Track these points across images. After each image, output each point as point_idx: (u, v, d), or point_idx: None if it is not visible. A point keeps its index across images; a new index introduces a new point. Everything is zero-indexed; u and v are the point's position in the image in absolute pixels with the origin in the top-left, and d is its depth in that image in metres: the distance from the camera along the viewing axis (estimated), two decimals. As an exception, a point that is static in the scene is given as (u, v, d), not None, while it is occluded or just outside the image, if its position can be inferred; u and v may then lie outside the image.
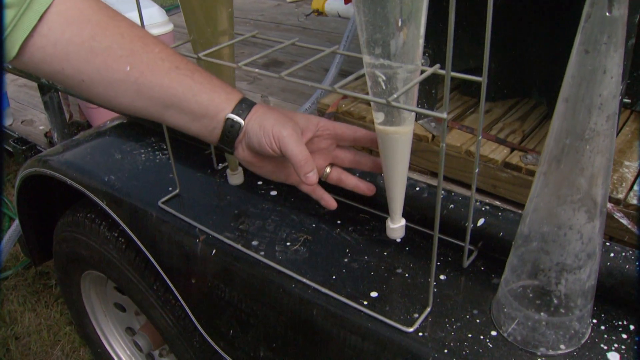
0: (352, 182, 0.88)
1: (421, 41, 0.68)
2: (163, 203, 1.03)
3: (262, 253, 0.90)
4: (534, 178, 0.70)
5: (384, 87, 0.70)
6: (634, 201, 1.06)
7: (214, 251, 0.92)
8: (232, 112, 0.78)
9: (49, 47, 0.72)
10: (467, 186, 1.30)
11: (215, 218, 0.98)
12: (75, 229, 1.36)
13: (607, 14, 0.54)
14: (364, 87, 1.57)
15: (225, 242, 0.93)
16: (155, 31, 1.95)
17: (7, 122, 2.32)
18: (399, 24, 0.65)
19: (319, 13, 2.23)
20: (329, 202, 0.86)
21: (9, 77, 2.67)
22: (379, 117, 0.75)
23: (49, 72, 0.75)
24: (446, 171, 1.35)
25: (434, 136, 1.34)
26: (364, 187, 0.88)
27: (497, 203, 0.95)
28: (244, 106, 0.78)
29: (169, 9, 3.32)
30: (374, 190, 0.88)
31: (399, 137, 0.74)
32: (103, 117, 2.03)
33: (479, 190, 1.29)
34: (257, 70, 0.76)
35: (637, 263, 0.78)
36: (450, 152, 1.32)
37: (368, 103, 1.58)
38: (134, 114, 0.81)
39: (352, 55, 0.84)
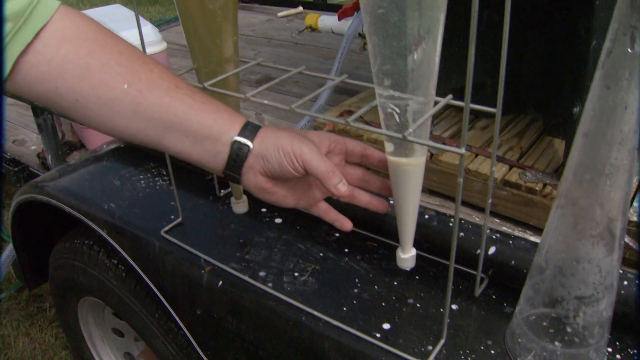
0: (365, 199, 0.82)
1: (435, 71, 0.67)
2: (166, 232, 1.01)
3: (270, 284, 0.88)
4: (551, 210, 0.69)
5: (397, 120, 0.69)
6: (634, 218, 1.06)
7: (221, 282, 0.91)
8: (239, 135, 0.73)
9: (43, 64, 0.69)
10: (467, 204, 1.29)
11: (220, 248, 0.97)
12: (73, 256, 1.34)
13: (629, 50, 0.53)
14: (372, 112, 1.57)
15: (231, 274, 0.91)
16: (149, 50, 1.94)
17: (-2, 142, 2.30)
18: (413, 55, 0.63)
19: (312, 29, 2.23)
20: (344, 223, 0.82)
21: (-1, 96, 2.64)
22: (389, 147, 0.74)
23: (42, 92, 0.71)
24: (445, 189, 1.35)
25: (432, 154, 1.33)
26: (377, 204, 0.82)
27: (507, 230, 0.94)
28: (250, 128, 0.74)
29: (158, 24, 3.31)
30: (387, 206, 0.83)
31: (411, 169, 0.73)
32: (96, 138, 2.01)
33: (477, 208, 1.28)
34: (265, 101, 0.75)
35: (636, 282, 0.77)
36: (448, 170, 1.31)
37: (365, 122, 1.58)
38: (130, 139, 0.75)
39: (359, 84, 0.83)
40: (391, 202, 0.94)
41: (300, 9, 3.19)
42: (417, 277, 0.89)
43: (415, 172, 0.74)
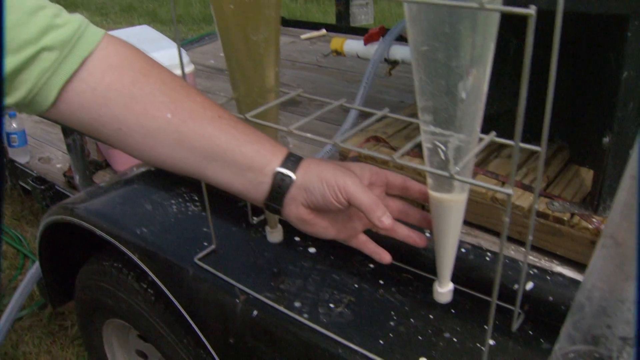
0: (404, 232, 0.81)
1: (482, 108, 0.67)
2: (200, 259, 1.01)
3: (306, 315, 0.88)
4: (595, 249, 0.68)
5: (442, 157, 0.69)
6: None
7: (255, 312, 0.91)
8: (281, 166, 0.73)
9: (87, 92, 0.70)
10: (492, 232, 1.28)
11: (254, 276, 0.97)
12: (101, 278, 1.35)
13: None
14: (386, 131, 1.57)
15: (266, 303, 0.91)
16: (177, 72, 1.95)
17: (25, 159, 2.32)
18: (461, 94, 0.64)
19: (338, 53, 2.24)
20: (383, 256, 0.82)
21: (25, 114, 2.67)
22: (430, 181, 0.74)
23: (85, 120, 0.72)
24: (470, 217, 1.34)
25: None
26: (415, 238, 0.81)
27: (544, 265, 0.94)
28: (292, 159, 0.74)
29: (182, 44, 3.34)
30: (426, 241, 0.82)
31: (453, 205, 0.73)
32: (121, 158, 2.03)
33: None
34: (309, 134, 0.75)
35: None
36: (475, 199, 1.31)
37: (392, 148, 1.58)
38: (172, 168, 0.76)
39: (402, 118, 0.83)
40: (427, 234, 0.93)
41: (324, 31, 3.20)
42: (452, 311, 0.88)
43: (456, 207, 0.74)
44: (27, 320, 2.24)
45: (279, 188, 0.74)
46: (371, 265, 0.98)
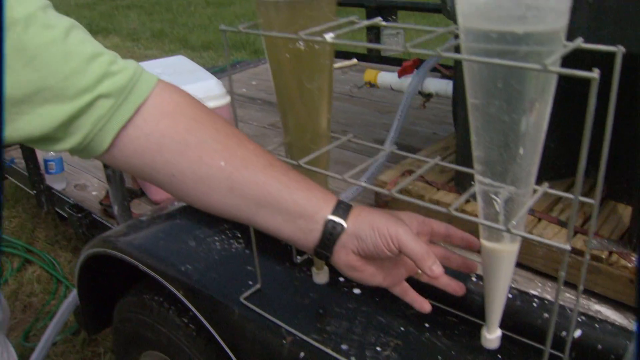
0: (444, 281, 0.83)
1: (537, 163, 0.67)
2: (245, 299, 1.02)
3: (353, 358, 0.88)
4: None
5: (496, 209, 0.69)
6: None
7: (303, 354, 0.91)
8: (332, 214, 0.74)
9: (142, 139, 0.71)
10: (528, 268, 1.28)
11: (300, 317, 0.98)
12: (141, 310, 1.36)
13: None
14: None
15: (313, 345, 0.91)
16: (213, 103, 1.98)
17: (61, 186, 2.35)
18: (520, 150, 0.64)
19: (371, 85, 2.26)
20: (423, 305, 0.83)
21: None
22: (483, 230, 0.75)
23: (138, 165, 0.73)
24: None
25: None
26: (455, 286, 0.83)
27: (592, 311, 0.93)
28: (343, 207, 0.75)
29: (213, 71, 3.38)
30: (464, 289, 0.84)
31: (505, 255, 0.74)
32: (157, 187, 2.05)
33: (539, 273, 1.27)
34: (363, 183, 0.76)
35: None
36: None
37: (427, 182, 1.59)
38: (223, 214, 0.77)
39: (454, 168, 0.84)
40: (473, 278, 0.94)
41: (355, 61, 3.23)
42: (499, 356, 0.88)
43: (508, 257, 0.74)
44: (61, 345, 2.26)
45: (330, 235, 0.74)
46: (415, 308, 0.99)
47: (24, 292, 2.64)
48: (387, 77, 2.22)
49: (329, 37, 0.69)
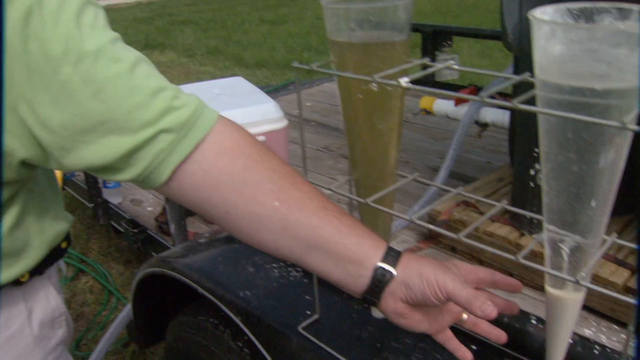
0: (486, 328, 0.83)
1: (608, 214, 0.67)
2: (303, 329, 1.03)
3: (411, 396, 0.89)
4: None
5: (564, 259, 0.69)
6: None
7: (360, 388, 0.92)
8: (382, 261, 0.75)
9: (199, 174, 0.73)
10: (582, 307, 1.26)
11: (358, 350, 0.98)
12: (195, 331, 1.38)
13: None
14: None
15: (371, 380, 0.92)
16: (271, 127, 1.99)
17: (117, 200, 2.41)
18: (592, 203, 0.64)
19: (427, 112, 2.26)
20: (465, 354, 0.83)
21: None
22: (548, 277, 0.74)
23: (194, 200, 0.75)
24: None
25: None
26: (496, 334, 0.83)
27: None
28: (393, 254, 0.76)
29: (267, 91, 3.41)
30: (505, 338, 0.83)
31: (569, 303, 0.73)
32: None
33: (592, 311, 1.25)
34: (432, 226, 0.76)
35: None
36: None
37: (481, 213, 1.58)
38: (274, 253, 0.78)
39: (521, 213, 0.84)
40: (533, 320, 0.93)
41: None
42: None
43: (573, 305, 0.74)
44: (111, 357, 2.30)
45: (379, 282, 0.75)
46: (473, 347, 0.98)
47: (76, 301, 2.70)
48: (443, 105, 2.22)
49: (404, 81, 0.70)
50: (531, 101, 0.65)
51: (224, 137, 0.75)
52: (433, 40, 3.07)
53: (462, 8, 9.88)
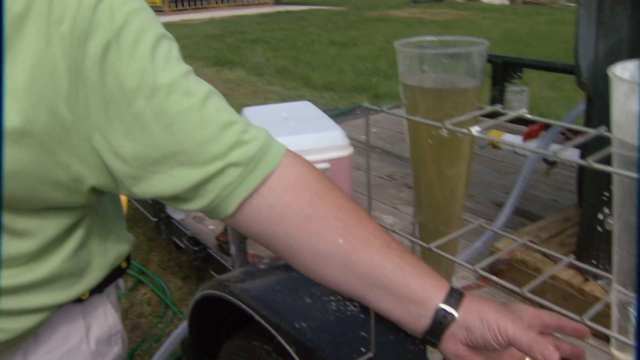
0: None
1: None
2: (357, 366, 1.03)
3: None
4: None
5: (632, 321, 0.67)
6: None
7: None
8: (444, 302, 0.74)
9: (265, 209, 0.73)
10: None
11: (411, 394, 0.97)
12: (248, 356, 1.38)
13: None
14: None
15: None
16: (335, 154, 1.99)
17: (180, 216, 2.45)
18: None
19: (494, 146, 2.23)
20: None
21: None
22: (613, 340, 0.72)
23: (259, 232, 0.76)
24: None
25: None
26: None
27: None
28: (455, 296, 0.74)
29: (332, 115, 3.42)
30: None
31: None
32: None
33: None
34: (495, 278, 0.75)
35: None
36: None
37: (544, 254, 1.54)
38: (335, 288, 0.78)
39: (592, 269, 0.81)
40: None
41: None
42: None
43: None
44: (163, 372, 2.33)
45: (440, 324, 0.74)
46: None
47: (134, 312, 2.75)
48: (510, 139, 2.19)
49: (475, 130, 0.69)
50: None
51: (291, 172, 0.75)
52: (503, 70, 3.04)
53: (533, 37, 9.75)
